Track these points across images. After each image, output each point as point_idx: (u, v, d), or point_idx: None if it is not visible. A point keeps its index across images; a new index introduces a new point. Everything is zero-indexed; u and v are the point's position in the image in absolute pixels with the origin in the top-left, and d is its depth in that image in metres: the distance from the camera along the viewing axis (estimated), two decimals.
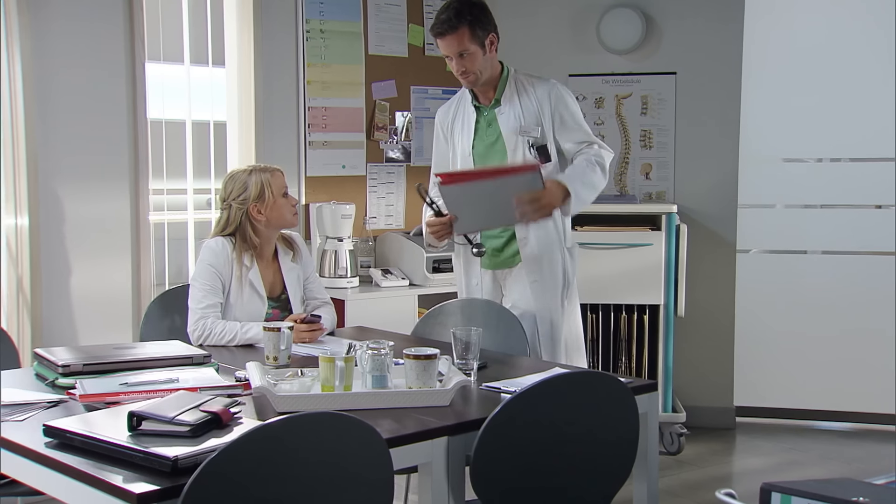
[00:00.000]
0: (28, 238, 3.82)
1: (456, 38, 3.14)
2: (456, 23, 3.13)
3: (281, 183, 3.12)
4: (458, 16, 3.13)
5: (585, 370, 2.37)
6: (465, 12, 3.14)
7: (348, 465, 1.84)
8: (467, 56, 3.16)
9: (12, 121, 3.79)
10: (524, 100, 3.27)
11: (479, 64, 3.20)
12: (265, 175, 3.10)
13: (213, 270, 3.03)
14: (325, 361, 2.29)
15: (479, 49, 3.18)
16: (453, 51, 3.16)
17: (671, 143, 4.92)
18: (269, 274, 3.15)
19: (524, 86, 3.30)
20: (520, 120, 3.25)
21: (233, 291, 3.04)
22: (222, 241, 3.08)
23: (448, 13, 3.15)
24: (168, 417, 1.90)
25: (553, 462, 2.14)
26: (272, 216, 3.08)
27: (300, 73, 4.47)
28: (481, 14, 3.19)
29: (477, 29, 3.16)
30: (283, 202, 3.10)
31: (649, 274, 4.46)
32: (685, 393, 4.84)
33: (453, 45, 3.15)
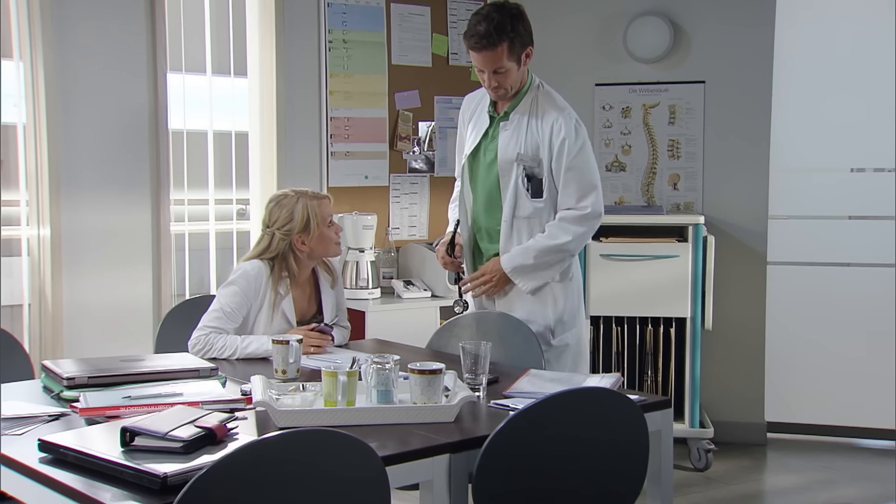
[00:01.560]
0: (50, 248, 3.83)
1: (495, 55, 2.93)
2: (496, 39, 2.90)
3: (327, 212, 3.02)
4: (500, 31, 2.90)
5: (593, 387, 2.30)
6: (507, 27, 2.91)
7: (342, 483, 1.80)
8: (502, 72, 2.97)
9: (35, 131, 3.82)
10: (532, 123, 3.05)
11: (513, 79, 3.01)
12: (313, 203, 3.00)
13: (242, 298, 2.95)
14: (327, 376, 2.25)
15: (515, 65, 2.98)
16: (489, 66, 2.95)
17: (699, 153, 4.84)
18: (303, 300, 3.08)
19: (539, 107, 3.07)
20: (521, 145, 3.04)
21: (262, 315, 2.98)
22: (259, 266, 2.99)
23: (488, 25, 2.90)
24: (161, 433, 1.86)
25: (558, 481, 2.08)
26: (316, 247, 3.01)
27: (322, 84, 4.46)
28: (522, 27, 2.97)
29: (517, 44, 2.95)
30: (327, 233, 3.01)
31: (676, 286, 4.38)
32: (713, 408, 4.74)
33: (490, 62, 2.94)
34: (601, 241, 4.45)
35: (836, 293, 4.87)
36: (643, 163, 4.91)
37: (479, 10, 3.00)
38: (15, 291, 3.89)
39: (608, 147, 4.94)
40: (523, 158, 3.04)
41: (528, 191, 3.06)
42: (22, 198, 3.88)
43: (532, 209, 3.07)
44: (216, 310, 2.96)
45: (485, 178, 3.14)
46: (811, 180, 4.92)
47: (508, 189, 3.07)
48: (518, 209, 3.08)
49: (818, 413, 4.90)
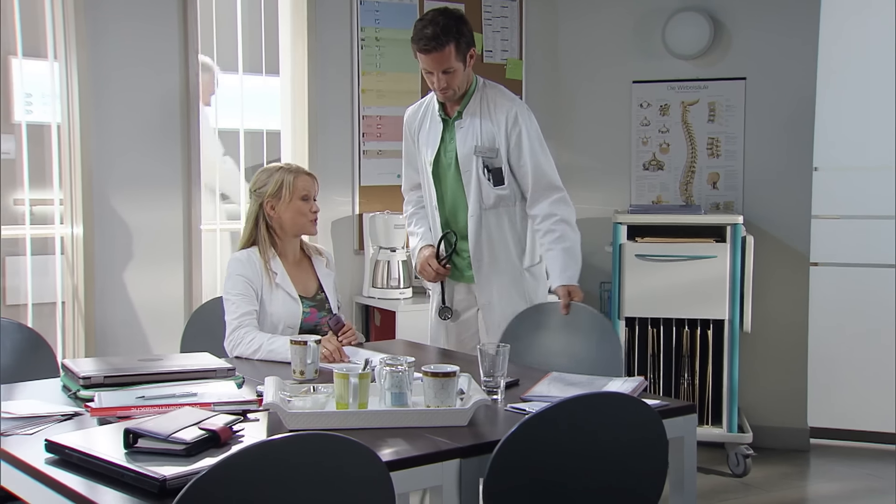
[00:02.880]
0: (83, 247, 3.86)
1: (443, 55, 3.09)
2: (444, 40, 3.07)
3: (304, 186, 3.07)
4: (446, 32, 3.07)
5: (608, 392, 2.23)
6: (452, 29, 3.09)
7: (344, 488, 1.75)
8: (450, 73, 3.13)
9: (69, 131, 3.84)
10: (485, 117, 3.24)
11: (460, 80, 3.17)
12: (289, 176, 3.07)
13: (244, 279, 3.00)
14: (339, 378, 2.21)
15: (461, 65, 3.15)
16: (438, 67, 3.12)
17: (740, 152, 4.73)
18: (300, 275, 3.11)
19: (489, 102, 3.26)
20: (477, 139, 3.22)
21: (266, 299, 3.01)
22: (248, 252, 3.06)
23: (434, 28, 3.07)
24: (163, 435, 1.84)
25: (572, 488, 2.02)
26: (285, 217, 3.04)
27: (355, 82, 4.43)
28: (465, 29, 3.14)
29: (462, 45, 3.12)
30: (298, 204, 3.05)
31: (713, 287, 4.28)
32: (753, 412, 4.63)
33: (438, 63, 3.11)
34: (636, 240, 4.37)
35: (881, 295, 4.73)
36: (682, 161, 4.81)
37: (423, 16, 3.18)
38: (48, 290, 3.93)
39: (646, 145, 4.86)
40: (480, 150, 3.23)
41: (490, 180, 3.24)
42: (56, 196, 3.91)
43: (496, 197, 3.27)
44: (231, 300, 2.99)
45: (452, 180, 3.31)
46: (856, 179, 4.79)
47: (471, 183, 3.25)
48: (483, 200, 3.26)
49: (864, 419, 4.77)
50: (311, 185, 3.10)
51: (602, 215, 4.67)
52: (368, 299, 4.36)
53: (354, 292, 4.45)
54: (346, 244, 4.45)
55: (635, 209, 4.63)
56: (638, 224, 4.42)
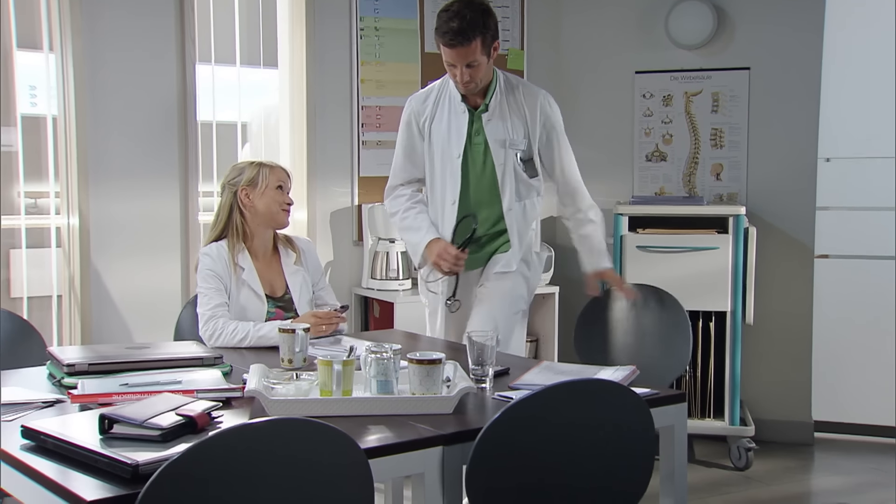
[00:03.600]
0: (79, 239, 3.85)
1: (468, 50, 3.01)
2: (471, 34, 2.98)
3: (279, 177, 3.08)
4: (473, 26, 2.98)
5: (593, 378, 2.19)
6: (479, 23, 3.00)
7: (321, 475, 1.72)
8: (475, 66, 3.05)
9: (65, 123, 3.82)
10: (514, 109, 3.18)
11: (483, 73, 3.10)
12: (263, 168, 3.08)
13: (213, 273, 2.99)
14: (322, 365, 2.18)
15: (486, 59, 3.07)
16: (462, 61, 3.04)
17: (744, 143, 4.67)
18: (269, 274, 3.08)
19: (516, 93, 3.20)
20: (508, 131, 3.17)
21: (232, 295, 3.00)
22: (216, 247, 3.04)
23: (461, 23, 2.98)
24: (138, 421, 1.82)
25: (556, 475, 1.98)
26: (260, 205, 3.03)
27: (354, 72, 4.40)
28: (491, 22, 3.06)
29: (488, 39, 3.04)
30: (273, 193, 3.04)
31: (716, 279, 4.24)
32: (757, 406, 4.58)
33: (463, 57, 3.02)
34: (638, 232, 4.33)
35: (887, 288, 4.67)
36: (685, 152, 4.76)
37: (448, 7, 3.05)
38: (45, 282, 3.91)
39: (648, 136, 4.81)
40: (513, 143, 3.17)
41: (526, 171, 3.22)
42: (51, 189, 3.90)
43: (529, 188, 3.26)
44: (204, 293, 2.98)
45: (480, 174, 3.22)
46: (862, 170, 4.72)
47: (506, 176, 3.19)
48: (519, 192, 3.23)
49: (869, 413, 4.71)
50: (285, 177, 3.11)
51: (604, 207, 4.56)
52: (367, 290, 4.33)
53: (353, 283, 4.42)
54: (345, 235, 4.43)
55: (637, 200, 4.59)
56: (639, 215, 4.38)
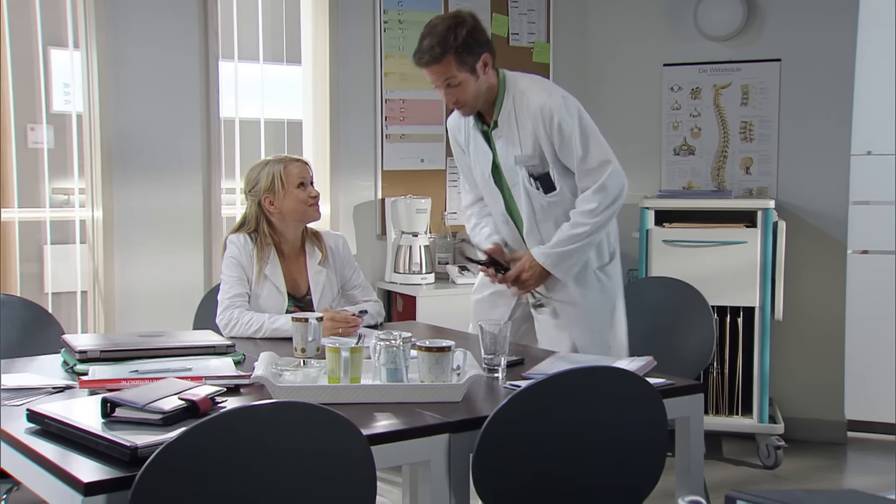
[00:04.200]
0: (102, 234, 3.86)
1: (441, 68, 2.77)
2: (440, 52, 2.75)
3: (296, 173, 2.97)
4: (443, 43, 2.75)
5: (604, 366, 2.15)
6: (450, 38, 2.74)
7: (321, 459, 1.70)
8: (457, 86, 2.80)
9: (89, 119, 3.83)
10: (521, 121, 2.86)
11: (472, 92, 2.82)
12: (277, 166, 2.97)
13: (237, 262, 2.96)
14: (331, 352, 2.16)
15: (469, 76, 2.80)
16: (439, 80, 2.81)
17: (774, 136, 4.59)
18: (294, 272, 3.03)
19: (521, 103, 2.87)
20: (518, 146, 2.88)
21: (254, 287, 2.97)
22: (243, 237, 3.01)
23: (430, 39, 2.76)
24: (140, 405, 1.80)
25: (563, 466, 1.94)
26: (285, 208, 2.97)
27: (377, 65, 4.38)
28: (470, 36, 2.77)
29: (465, 55, 2.77)
30: (296, 192, 2.96)
31: (744, 274, 4.16)
32: (787, 404, 4.50)
33: (440, 76, 2.80)
34: (664, 226, 4.27)
35: None
36: (713, 146, 4.69)
37: (429, 22, 2.85)
38: (69, 277, 3.94)
39: (676, 130, 4.74)
40: (521, 159, 2.89)
41: (539, 189, 2.91)
42: (76, 186, 3.92)
43: (548, 203, 2.93)
44: (225, 280, 2.97)
45: (510, 189, 3.00)
46: None
47: (521, 196, 2.94)
48: (536, 212, 2.95)
49: None
50: (304, 170, 3.00)
51: (631, 202, 4.54)
52: (391, 284, 4.31)
53: (377, 277, 4.40)
54: (369, 229, 4.41)
55: (663, 194, 4.52)
56: (665, 209, 4.32)
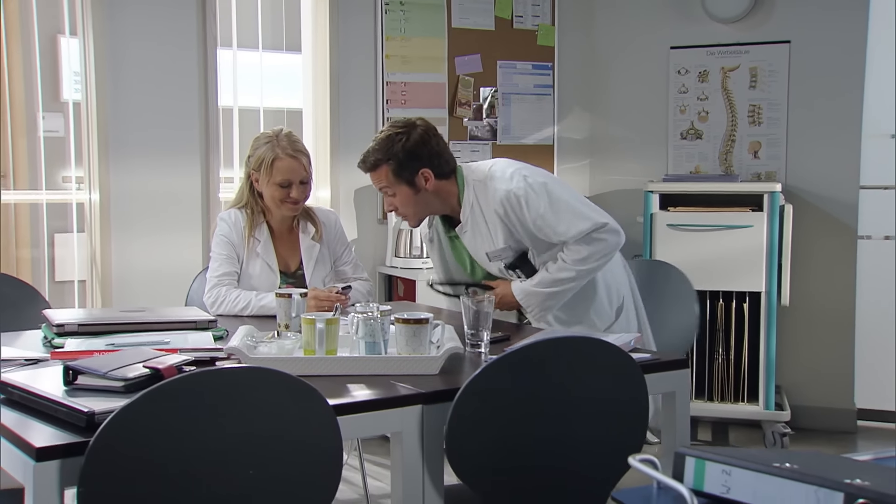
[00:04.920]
0: (100, 222, 3.84)
1: (375, 176, 2.75)
2: (373, 161, 2.73)
3: (282, 171, 2.89)
4: (379, 151, 2.72)
5: (579, 336, 2.09)
6: (389, 148, 2.71)
7: (283, 426, 1.66)
8: (392, 195, 2.77)
9: (86, 108, 3.80)
10: (488, 214, 2.76)
11: (412, 203, 2.77)
12: (270, 154, 2.89)
13: (227, 240, 2.94)
14: (306, 324, 2.12)
15: (406, 188, 2.74)
16: (377, 186, 2.80)
17: (783, 119, 4.50)
18: (285, 249, 3.02)
19: (483, 197, 2.77)
20: (489, 241, 2.78)
21: (245, 266, 2.95)
22: (235, 213, 2.98)
23: (371, 147, 2.75)
24: (101, 372, 1.77)
25: (539, 439, 1.89)
26: (265, 193, 2.95)
27: (378, 48, 4.33)
28: (408, 152, 2.71)
29: (399, 168, 2.71)
30: (274, 189, 2.90)
31: (750, 258, 4.08)
32: (795, 391, 4.41)
33: (375, 183, 2.79)
34: (668, 210, 4.20)
35: None
36: (721, 130, 4.61)
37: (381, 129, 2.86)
38: (67, 265, 3.93)
39: (683, 114, 4.66)
40: (494, 255, 2.79)
41: (521, 276, 2.81)
42: (73, 174, 3.90)
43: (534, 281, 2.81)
44: (214, 258, 2.95)
45: None
46: None
47: None
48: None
49: None
50: (293, 170, 2.90)
51: (637, 187, 4.50)
52: (391, 269, 4.27)
53: (378, 262, 4.36)
54: (370, 214, 4.37)
55: (669, 178, 4.45)
56: (670, 192, 4.24)
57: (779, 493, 1.01)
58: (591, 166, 4.89)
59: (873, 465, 1.14)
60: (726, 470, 1.07)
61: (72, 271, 3.96)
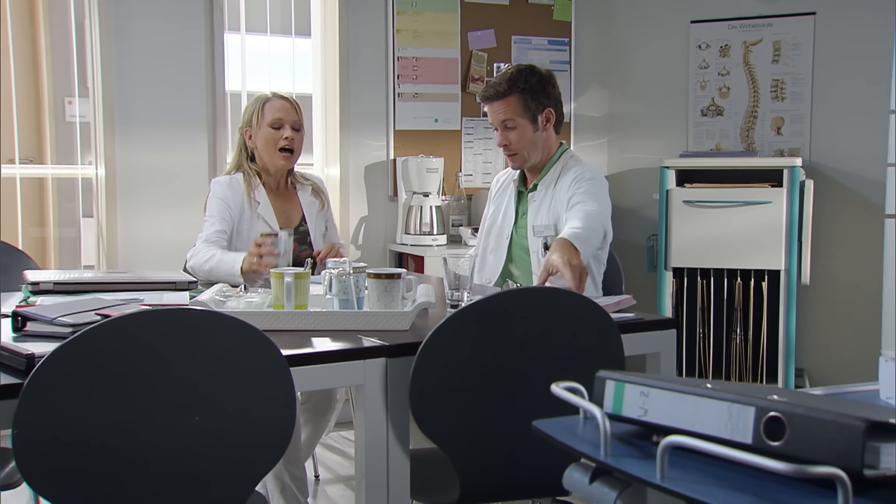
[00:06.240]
0: (105, 188, 3.82)
1: (503, 105, 2.75)
2: (506, 88, 2.74)
3: (273, 109, 2.89)
4: (511, 81, 2.74)
5: (550, 287, 2.00)
6: (521, 79, 2.74)
7: (229, 371, 1.60)
8: (513, 129, 2.75)
9: (92, 93, 3.79)
10: (556, 189, 2.77)
11: (528, 141, 2.77)
12: (259, 101, 2.92)
13: (221, 202, 2.88)
14: (275, 278, 2.06)
15: (528, 123, 2.76)
16: (497, 118, 2.77)
17: (807, 94, 4.35)
18: (285, 207, 2.97)
19: (564, 172, 2.79)
20: (541, 217, 2.78)
21: (246, 227, 2.89)
22: (230, 177, 2.95)
23: (501, 76, 2.77)
24: (48, 318, 1.72)
25: (506, 396, 1.81)
26: (259, 144, 2.91)
27: (389, 22, 4.27)
28: (540, 85, 2.76)
29: (530, 100, 2.75)
30: (267, 132, 2.88)
31: (769, 236, 3.95)
32: (818, 374, 4.27)
33: (499, 113, 2.76)
34: (685, 186, 4.08)
35: None
36: (743, 106, 4.47)
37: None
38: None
39: (704, 90, 4.54)
40: (539, 230, 2.76)
41: None
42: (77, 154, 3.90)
43: None
44: (206, 220, 2.88)
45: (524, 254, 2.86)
46: None
47: (535, 263, 2.78)
48: None
49: None
50: (284, 108, 2.89)
51: (655, 165, 4.38)
52: (401, 246, 4.20)
53: (388, 240, 4.29)
54: (380, 190, 4.30)
55: (686, 155, 4.33)
56: (686, 168, 4.12)
57: (693, 411, 0.93)
58: (609, 144, 4.78)
59: (796, 391, 1.05)
60: (644, 392, 0.99)
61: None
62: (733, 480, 0.90)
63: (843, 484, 0.80)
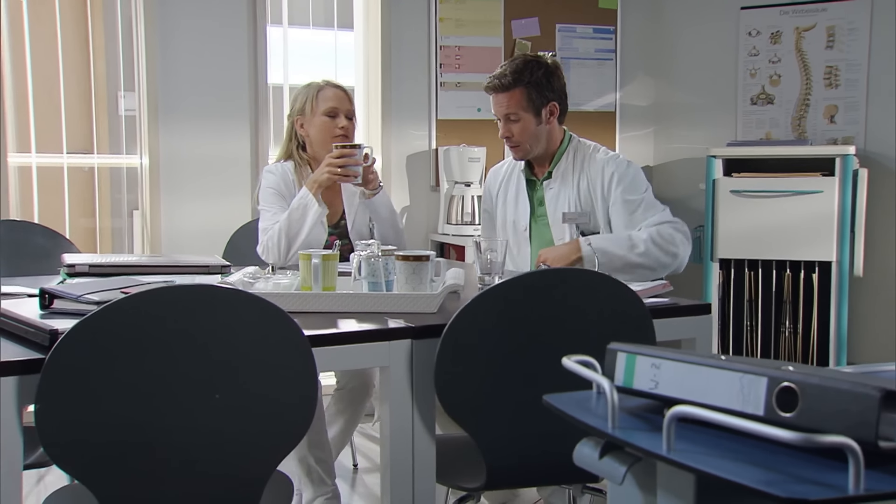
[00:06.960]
0: (149, 178, 3.86)
1: (507, 97, 2.73)
2: (510, 81, 2.72)
3: (325, 97, 2.85)
4: (516, 73, 2.72)
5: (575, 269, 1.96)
6: (526, 72, 2.72)
7: (251, 350, 1.58)
8: (516, 122, 2.74)
9: (137, 88, 3.82)
10: (579, 178, 2.78)
11: (530, 134, 2.75)
12: (313, 90, 2.87)
13: (275, 191, 2.85)
14: (303, 259, 2.04)
15: (532, 117, 2.74)
16: (501, 111, 2.75)
17: (863, 81, 4.24)
18: (329, 199, 2.87)
19: (583, 160, 2.80)
20: (568, 203, 2.77)
21: None
22: (280, 165, 2.91)
23: (506, 68, 2.75)
24: (74, 295, 1.72)
25: (534, 379, 1.77)
26: (312, 132, 2.87)
27: (432, 11, 4.24)
28: (545, 78, 2.74)
29: (534, 93, 2.73)
30: (322, 121, 2.84)
31: (820, 226, 3.85)
32: None
33: (502, 106, 2.74)
34: (732, 176, 3.99)
35: None
36: (794, 94, 4.37)
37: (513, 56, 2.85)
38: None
39: (754, 78, 4.44)
40: (571, 216, 2.74)
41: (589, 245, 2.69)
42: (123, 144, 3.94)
43: None
44: (265, 209, 2.84)
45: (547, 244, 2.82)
46: None
47: None
48: None
49: None
50: (337, 98, 2.86)
51: (698, 155, 4.30)
52: (443, 236, 4.18)
53: (430, 230, 4.27)
54: (422, 180, 4.28)
55: (732, 144, 4.24)
56: (733, 157, 4.04)
57: (705, 383, 0.89)
58: (656, 134, 4.70)
59: (816, 367, 1.00)
60: (655, 363, 0.95)
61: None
62: (743, 453, 0.86)
63: (855, 454, 0.76)
